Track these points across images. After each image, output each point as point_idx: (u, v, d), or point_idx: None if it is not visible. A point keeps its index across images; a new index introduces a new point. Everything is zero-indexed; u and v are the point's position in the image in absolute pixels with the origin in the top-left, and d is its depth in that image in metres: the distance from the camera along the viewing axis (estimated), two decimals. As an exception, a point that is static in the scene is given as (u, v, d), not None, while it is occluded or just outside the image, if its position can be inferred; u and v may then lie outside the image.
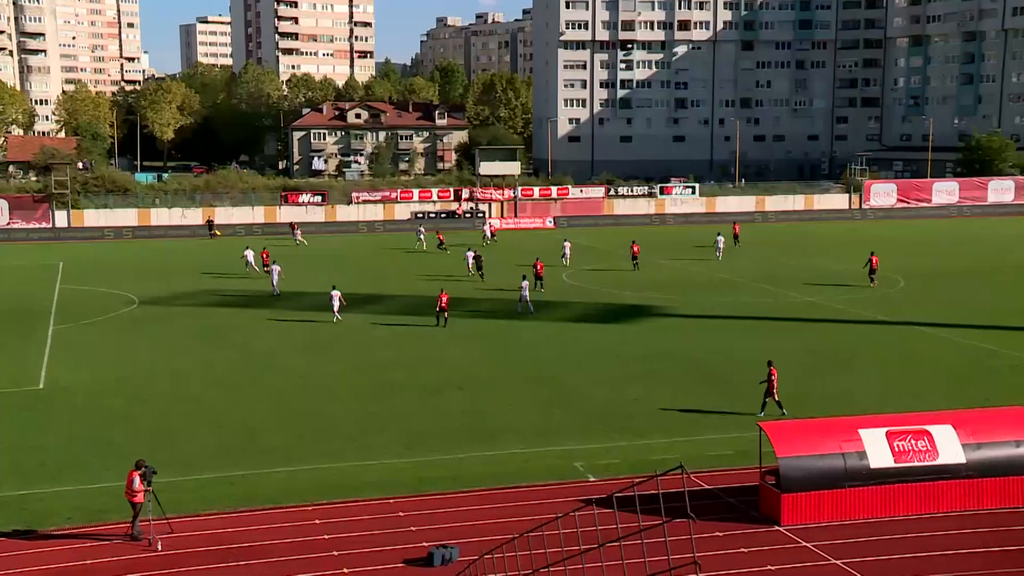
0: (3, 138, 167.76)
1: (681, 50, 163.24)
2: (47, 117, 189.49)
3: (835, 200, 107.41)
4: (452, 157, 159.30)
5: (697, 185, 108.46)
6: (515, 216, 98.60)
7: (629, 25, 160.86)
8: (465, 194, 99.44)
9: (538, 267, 55.89)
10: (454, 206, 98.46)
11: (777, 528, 21.88)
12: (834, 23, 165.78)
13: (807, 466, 22.10)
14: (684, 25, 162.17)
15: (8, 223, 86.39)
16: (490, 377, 36.09)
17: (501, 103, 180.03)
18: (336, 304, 46.45)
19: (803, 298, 52.60)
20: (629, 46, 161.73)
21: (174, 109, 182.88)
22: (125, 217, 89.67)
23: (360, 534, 21.87)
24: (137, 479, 21.34)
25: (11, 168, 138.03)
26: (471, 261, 61.10)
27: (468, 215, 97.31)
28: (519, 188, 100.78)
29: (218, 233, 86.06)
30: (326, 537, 21.67)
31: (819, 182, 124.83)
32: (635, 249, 65.25)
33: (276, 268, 55.18)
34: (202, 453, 27.39)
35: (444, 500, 23.87)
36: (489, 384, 35.03)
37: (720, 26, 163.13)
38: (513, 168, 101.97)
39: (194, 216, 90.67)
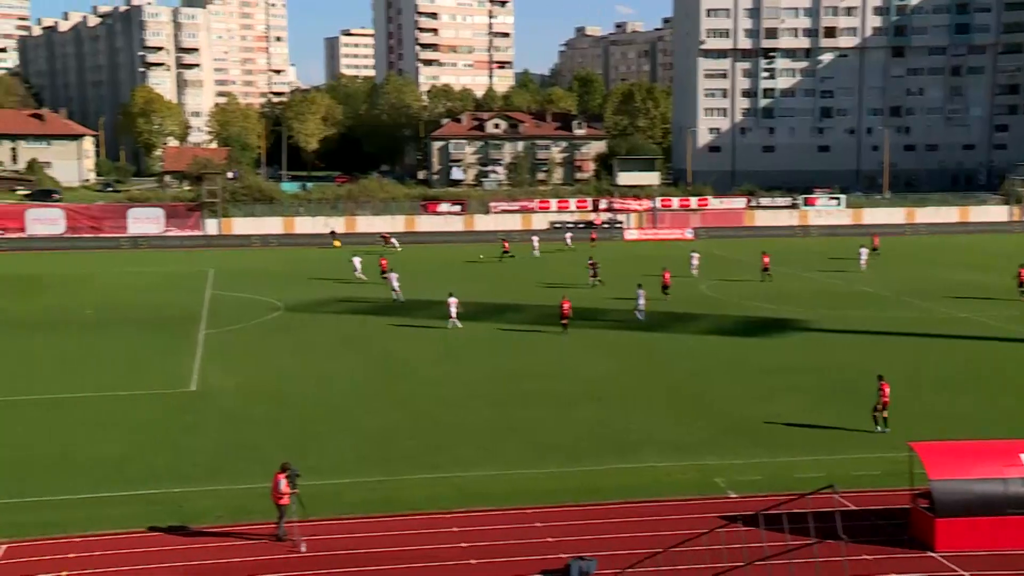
0: (160, 149, 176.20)
1: (827, 57, 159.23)
2: (200, 129, 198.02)
3: (992, 212, 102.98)
4: (590, 167, 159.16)
5: (843, 196, 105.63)
6: (653, 226, 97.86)
7: (772, 33, 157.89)
8: (603, 204, 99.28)
9: (665, 277, 55.63)
10: (592, 216, 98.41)
11: (930, 554, 21.02)
12: (994, 26, 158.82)
13: (964, 490, 21.16)
14: (830, 32, 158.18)
15: (164, 231, 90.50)
16: (626, 389, 35.86)
17: (640, 113, 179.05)
18: (453, 311, 47.05)
19: (951, 313, 50.57)
20: (772, 54, 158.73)
21: (318, 120, 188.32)
22: (271, 225, 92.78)
23: (497, 543, 22.00)
24: (283, 482, 21.99)
25: (167, 178, 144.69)
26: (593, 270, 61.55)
27: (606, 225, 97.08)
28: (658, 199, 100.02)
29: (338, 244, 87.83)
30: (463, 545, 21.88)
31: (975, 193, 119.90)
32: (765, 261, 64.20)
33: (393, 276, 56.53)
34: (342, 458, 28.03)
35: (582, 512, 23.80)
36: (626, 396, 34.81)
37: (868, 32, 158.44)
38: (652, 178, 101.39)
39: (336, 225, 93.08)
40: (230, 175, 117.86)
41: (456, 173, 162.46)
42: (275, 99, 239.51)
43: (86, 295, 58.83)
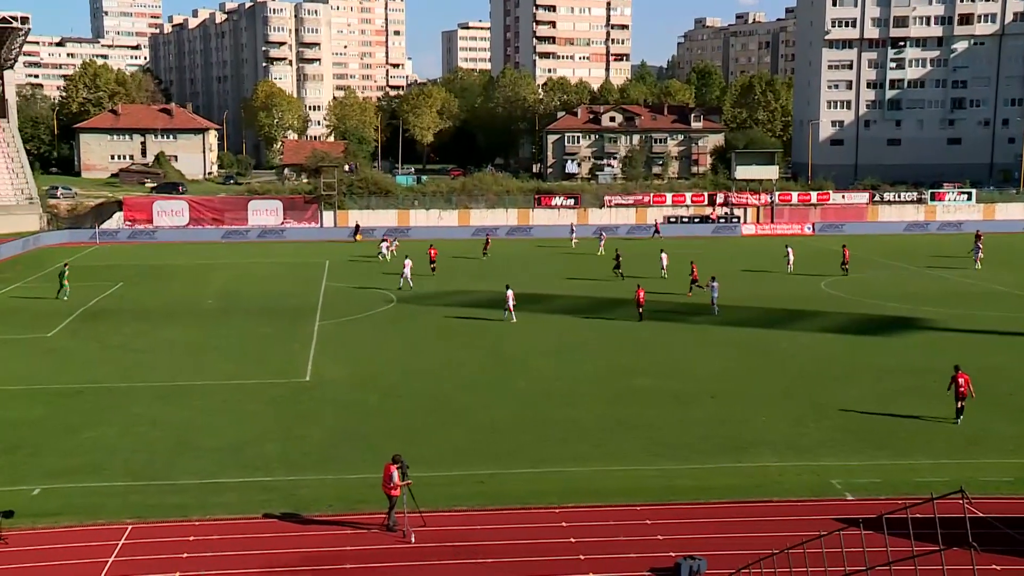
0: (280, 142, 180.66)
1: (961, 46, 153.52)
2: (319, 122, 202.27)
3: None
4: (707, 161, 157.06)
5: (974, 191, 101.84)
6: (771, 222, 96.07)
7: (902, 21, 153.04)
8: (720, 198, 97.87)
9: (694, 271, 55.83)
10: (708, 211, 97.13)
11: (1061, 567, 20.12)
12: None
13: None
14: (965, 19, 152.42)
15: (282, 223, 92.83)
16: (741, 387, 35.29)
17: (759, 105, 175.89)
18: (510, 303, 47.42)
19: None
20: (901, 43, 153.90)
21: (434, 113, 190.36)
22: (386, 218, 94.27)
23: (606, 539, 21.91)
24: (396, 473, 22.30)
25: (286, 171, 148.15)
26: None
27: (722, 220, 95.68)
28: (776, 193, 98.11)
29: (359, 238, 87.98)
30: (572, 540, 21.85)
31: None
32: (846, 254, 63.00)
33: (408, 263, 58.60)
34: (452, 450, 28.29)
35: (692, 510, 23.53)
36: (740, 394, 34.26)
37: (1009, 18, 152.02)
38: (770, 172, 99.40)
39: (450, 218, 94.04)
40: (347, 168, 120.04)
41: (570, 167, 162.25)
42: (392, 92, 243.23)
43: (207, 286, 60.75)
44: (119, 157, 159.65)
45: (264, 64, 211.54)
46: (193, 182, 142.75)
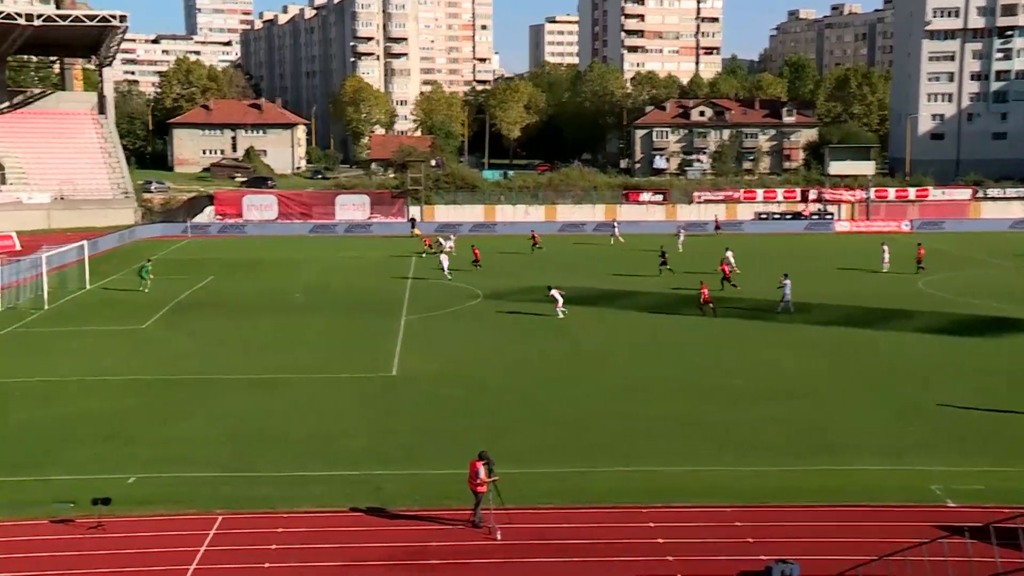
0: (367, 137, 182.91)
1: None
2: (406, 117, 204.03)
3: None
4: (799, 156, 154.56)
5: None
6: (867, 218, 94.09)
7: (1010, 9, 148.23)
8: (812, 195, 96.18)
9: (724, 270, 55.89)
10: (800, 207, 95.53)
11: None
12: None
13: None
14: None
15: (369, 218, 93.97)
16: (834, 387, 34.62)
17: (855, 99, 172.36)
18: (559, 300, 48.08)
19: None
20: (1009, 33, 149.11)
21: (521, 108, 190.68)
22: (472, 213, 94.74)
23: (695, 541, 21.69)
24: (482, 469, 22.37)
25: (373, 165, 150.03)
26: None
27: (816, 216, 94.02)
28: (872, 189, 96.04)
29: (417, 232, 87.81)
30: (660, 541, 21.68)
31: None
32: (921, 253, 61.38)
33: (447, 254, 60.37)
34: (536, 447, 28.28)
35: (784, 513, 23.15)
36: (833, 394, 33.61)
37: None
38: (866, 168, 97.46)
39: (537, 213, 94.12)
40: (433, 163, 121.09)
41: (659, 162, 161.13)
42: (479, 87, 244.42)
43: (295, 279, 61.78)
44: (210, 152, 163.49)
45: (352, 59, 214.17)
46: (282, 177, 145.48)
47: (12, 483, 25.23)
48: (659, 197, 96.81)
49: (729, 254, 60.74)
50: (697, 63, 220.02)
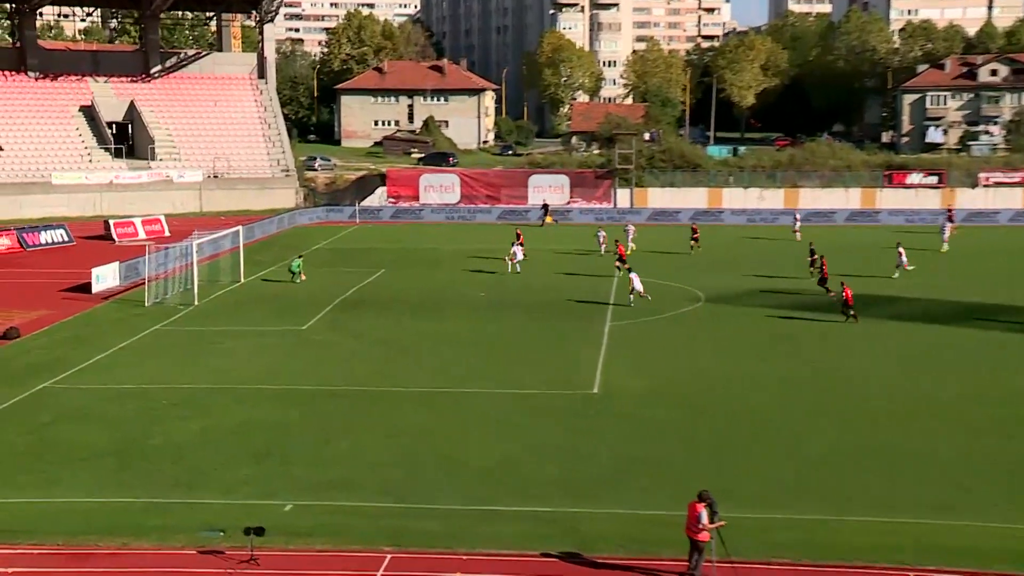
0: (568, 105, 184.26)
1: None
2: (614, 81, 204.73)
3: None
4: None
5: None
6: None
7: None
8: None
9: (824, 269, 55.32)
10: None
11: None
12: None
13: None
14: None
15: (568, 202, 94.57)
16: None
17: None
18: (638, 285, 51.85)
19: None
20: None
21: (756, 69, 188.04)
22: (693, 198, 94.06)
23: (973, 616, 20.83)
24: (704, 513, 22.10)
25: (574, 139, 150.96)
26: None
27: None
28: None
29: (550, 220, 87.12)
30: (927, 613, 20.95)
31: None
32: None
33: (518, 250, 63.55)
34: (771, 485, 27.77)
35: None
36: None
37: None
38: None
39: (774, 199, 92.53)
40: (647, 136, 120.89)
41: (933, 135, 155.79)
42: (704, 44, 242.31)
43: (480, 274, 62.79)
44: (383, 123, 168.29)
45: (551, 12, 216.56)
46: (465, 152, 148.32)
47: (158, 505, 26.70)
48: (933, 179, 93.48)
49: (901, 251, 59.57)
50: (990, 7, 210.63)
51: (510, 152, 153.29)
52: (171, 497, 27.19)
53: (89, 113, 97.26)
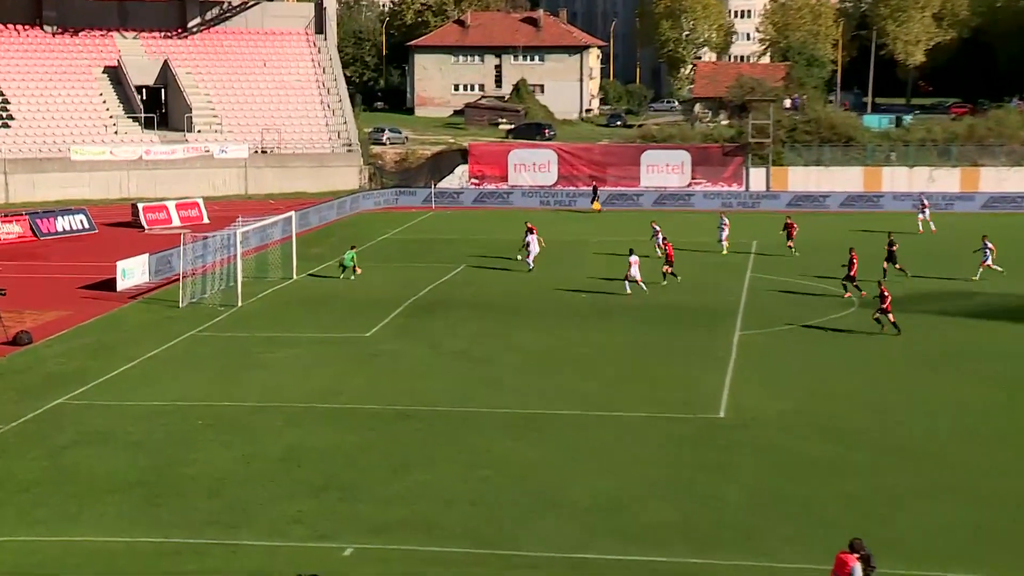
0: (691, 66, 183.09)
1: None
2: (748, 36, 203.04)
3: None
4: None
5: None
6: None
7: None
8: None
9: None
10: None
11: None
12: None
13: None
14: None
15: (689, 184, 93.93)
16: None
17: None
18: (635, 272, 54.88)
19: None
20: None
21: (927, 19, 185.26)
22: (845, 179, 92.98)
23: None
24: (857, 567, 21.79)
25: (697, 107, 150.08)
26: None
27: None
28: None
29: (597, 207, 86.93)
30: None
31: None
32: None
33: (534, 239, 63.66)
34: (944, 535, 27.43)
35: None
36: None
37: None
38: None
39: (948, 180, 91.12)
40: (788, 103, 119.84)
41: None
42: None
43: (579, 271, 62.79)
44: (465, 88, 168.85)
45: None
46: (565, 123, 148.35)
47: (193, 547, 26.98)
48: None
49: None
50: None
51: (620, 123, 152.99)
52: (208, 537, 27.43)
53: (115, 75, 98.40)
